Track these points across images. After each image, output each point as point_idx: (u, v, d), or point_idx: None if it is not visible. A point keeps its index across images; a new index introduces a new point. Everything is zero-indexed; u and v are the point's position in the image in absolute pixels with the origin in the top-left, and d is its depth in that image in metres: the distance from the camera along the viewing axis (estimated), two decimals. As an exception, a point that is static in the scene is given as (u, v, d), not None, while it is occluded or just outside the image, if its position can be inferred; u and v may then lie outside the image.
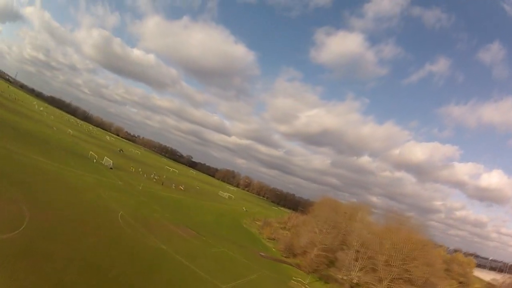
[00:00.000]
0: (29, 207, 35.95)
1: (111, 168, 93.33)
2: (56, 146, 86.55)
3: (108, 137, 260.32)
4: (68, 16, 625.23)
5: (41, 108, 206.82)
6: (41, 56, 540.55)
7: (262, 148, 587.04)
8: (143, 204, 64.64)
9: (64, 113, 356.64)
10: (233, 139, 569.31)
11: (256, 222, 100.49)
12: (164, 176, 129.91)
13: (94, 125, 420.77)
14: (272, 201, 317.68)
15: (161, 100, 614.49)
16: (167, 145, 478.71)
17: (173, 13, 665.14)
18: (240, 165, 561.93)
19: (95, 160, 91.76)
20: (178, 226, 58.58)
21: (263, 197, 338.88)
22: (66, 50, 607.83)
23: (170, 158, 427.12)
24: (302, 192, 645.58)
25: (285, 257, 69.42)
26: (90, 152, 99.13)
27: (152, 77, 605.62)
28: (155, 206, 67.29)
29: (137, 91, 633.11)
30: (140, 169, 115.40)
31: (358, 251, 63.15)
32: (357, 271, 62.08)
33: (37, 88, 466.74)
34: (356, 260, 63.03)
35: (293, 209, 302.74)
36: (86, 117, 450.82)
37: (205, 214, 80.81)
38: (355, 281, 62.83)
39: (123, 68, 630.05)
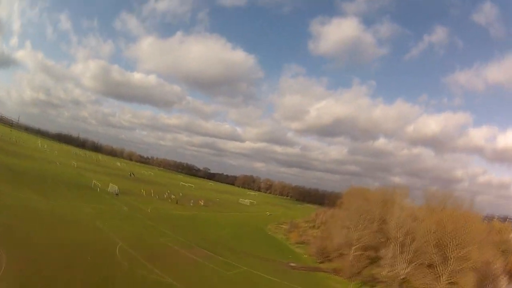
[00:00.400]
0: (6, 253, 30.21)
1: (116, 194, 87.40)
2: (54, 181, 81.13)
3: (119, 163, 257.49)
4: (61, 53, 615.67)
5: (45, 146, 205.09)
6: (42, 96, 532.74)
7: (278, 148, 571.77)
8: (150, 229, 57.34)
9: (72, 147, 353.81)
10: (247, 144, 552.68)
11: (282, 226, 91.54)
12: (180, 194, 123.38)
13: (105, 154, 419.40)
14: (296, 200, 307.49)
15: (169, 118, 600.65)
16: (182, 162, 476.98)
17: (165, 30, 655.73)
18: (259, 168, 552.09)
19: (98, 189, 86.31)
20: (191, 248, 50.71)
21: (287, 196, 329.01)
22: (66, 86, 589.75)
23: (188, 174, 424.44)
24: (325, 185, 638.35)
25: (319, 262, 60.23)
26: (93, 181, 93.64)
27: (157, 97, 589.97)
28: (165, 228, 59.84)
29: (144, 114, 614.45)
30: (152, 191, 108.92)
31: (402, 243, 53.55)
32: (405, 267, 52.42)
33: (44, 127, 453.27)
34: (402, 253, 53.50)
35: (319, 204, 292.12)
36: (96, 148, 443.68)
37: (224, 227, 72.73)
38: (402, 277, 53.26)
39: (126, 94, 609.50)
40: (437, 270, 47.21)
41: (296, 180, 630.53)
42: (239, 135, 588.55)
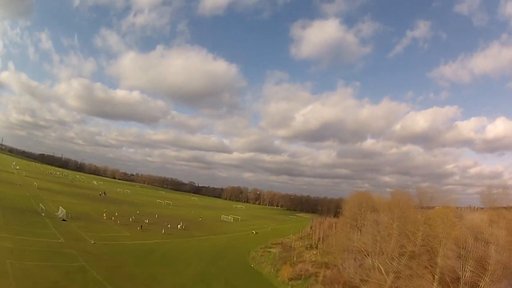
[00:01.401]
0: None
1: (63, 220, 69.30)
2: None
3: (95, 182, 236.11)
4: (44, 73, 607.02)
5: (18, 167, 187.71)
6: (27, 118, 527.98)
7: (266, 157, 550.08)
8: (73, 276, 37.87)
9: (53, 167, 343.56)
10: (235, 155, 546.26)
11: (271, 250, 72.18)
12: (156, 215, 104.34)
13: (87, 173, 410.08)
14: (287, 209, 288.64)
15: (156, 134, 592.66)
16: (167, 177, 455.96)
17: (146, 45, 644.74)
18: (249, 179, 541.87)
19: (43, 214, 70.37)
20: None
21: (277, 206, 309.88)
22: (50, 106, 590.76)
23: (173, 189, 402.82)
24: (315, 190, 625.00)
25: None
26: (40, 204, 77.68)
27: (142, 113, 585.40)
28: (99, 273, 40.19)
29: (131, 131, 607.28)
30: (116, 213, 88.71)
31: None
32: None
33: (30, 149, 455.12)
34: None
35: (312, 212, 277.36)
36: (78, 167, 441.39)
37: (190, 263, 52.60)
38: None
39: (111, 112, 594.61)
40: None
41: (286, 188, 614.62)
42: (227, 146, 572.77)
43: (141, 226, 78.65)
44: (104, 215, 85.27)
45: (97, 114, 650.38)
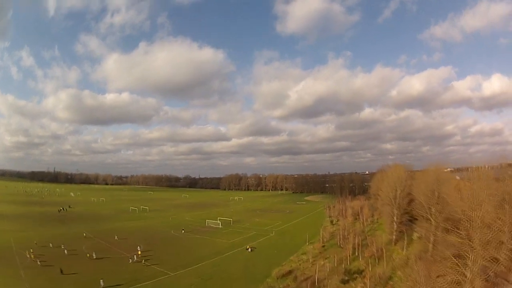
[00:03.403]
0: None
1: None
2: None
3: (72, 194, 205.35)
4: (30, 90, 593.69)
5: None
6: (21, 138, 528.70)
7: (265, 139, 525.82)
8: None
9: (41, 184, 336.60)
10: (234, 141, 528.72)
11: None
12: (116, 237, 69.63)
13: (78, 183, 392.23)
14: (293, 192, 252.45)
15: (151, 132, 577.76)
16: (165, 174, 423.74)
17: (127, 44, 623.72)
18: (250, 163, 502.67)
19: None
20: None
21: (281, 190, 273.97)
22: (42, 122, 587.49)
23: (169, 186, 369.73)
24: (318, 166, 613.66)
25: None
26: None
27: (134, 114, 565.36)
28: None
29: (125, 133, 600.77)
30: (50, 244, 54.46)
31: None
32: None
33: (29, 169, 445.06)
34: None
35: (321, 192, 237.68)
36: (68, 179, 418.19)
37: None
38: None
39: (103, 117, 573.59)
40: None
41: (288, 168, 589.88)
42: (224, 134, 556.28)
43: (61, 270, 44.93)
44: (30, 254, 50.38)
45: (90, 122, 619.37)
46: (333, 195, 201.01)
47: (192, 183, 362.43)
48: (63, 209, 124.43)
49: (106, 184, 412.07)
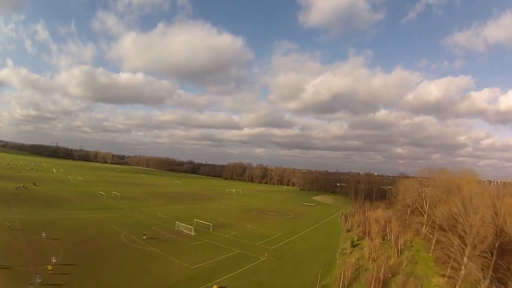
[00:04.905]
0: None
1: None
2: None
3: (54, 170, 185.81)
4: (43, 64, 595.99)
5: None
6: (32, 112, 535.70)
7: (277, 131, 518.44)
8: None
9: (37, 157, 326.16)
10: (246, 131, 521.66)
11: None
12: (42, 235, 45.96)
13: (77, 160, 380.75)
14: (300, 189, 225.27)
15: (163, 115, 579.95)
16: (169, 157, 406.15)
17: (146, 23, 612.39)
18: (259, 154, 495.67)
19: None
20: None
21: (287, 185, 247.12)
22: (54, 97, 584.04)
23: (168, 170, 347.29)
24: (327, 163, 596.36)
25: None
26: None
27: (147, 95, 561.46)
28: None
29: (138, 114, 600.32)
30: None
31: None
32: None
33: (39, 142, 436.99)
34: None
35: (332, 191, 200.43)
36: (67, 155, 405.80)
37: None
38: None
39: (116, 96, 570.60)
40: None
41: (298, 163, 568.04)
42: (236, 122, 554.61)
43: None
44: None
45: (102, 100, 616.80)
46: (345, 197, 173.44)
47: (194, 169, 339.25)
48: (23, 186, 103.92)
49: (105, 162, 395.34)
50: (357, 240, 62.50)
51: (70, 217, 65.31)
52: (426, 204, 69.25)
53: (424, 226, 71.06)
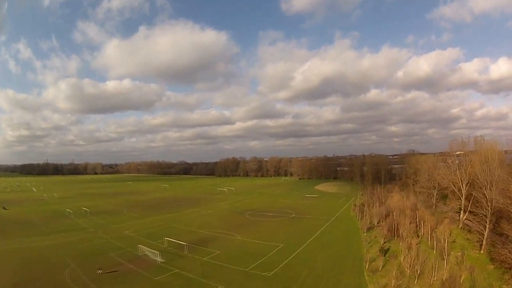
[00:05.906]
0: None
1: None
2: None
3: (34, 189, 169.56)
4: (29, 83, 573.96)
5: None
6: (24, 132, 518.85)
7: (269, 122, 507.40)
8: None
9: (27, 177, 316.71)
10: (238, 125, 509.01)
11: None
12: None
13: (66, 174, 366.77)
14: (299, 178, 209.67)
15: (155, 118, 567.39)
16: (154, 160, 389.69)
17: (127, 28, 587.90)
18: (254, 147, 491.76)
19: None
20: None
21: (285, 176, 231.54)
22: (43, 114, 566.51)
23: (160, 173, 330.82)
24: (323, 149, 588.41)
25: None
26: None
27: (137, 100, 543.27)
28: None
29: (129, 121, 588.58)
30: None
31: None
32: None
33: (33, 161, 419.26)
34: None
35: (334, 177, 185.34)
36: (57, 170, 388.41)
37: None
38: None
39: (105, 105, 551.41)
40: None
41: (293, 151, 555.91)
42: (228, 118, 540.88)
43: None
44: None
45: (92, 111, 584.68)
46: (350, 182, 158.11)
47: (186, 170, 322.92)
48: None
49: (95, 173, 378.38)
50: (385, 243, 46.65)
51: (22, 246, 52.06)
52: (463, 185, 53.59)
53: (462, 212, 55.77)
